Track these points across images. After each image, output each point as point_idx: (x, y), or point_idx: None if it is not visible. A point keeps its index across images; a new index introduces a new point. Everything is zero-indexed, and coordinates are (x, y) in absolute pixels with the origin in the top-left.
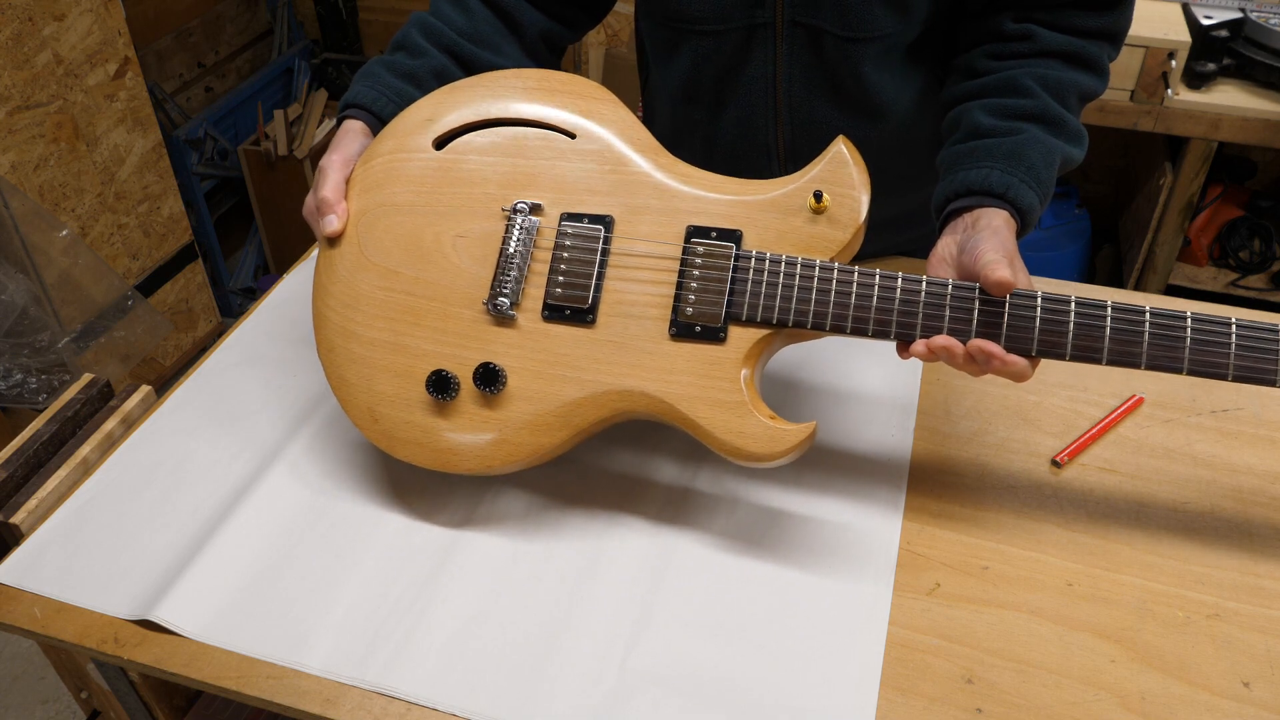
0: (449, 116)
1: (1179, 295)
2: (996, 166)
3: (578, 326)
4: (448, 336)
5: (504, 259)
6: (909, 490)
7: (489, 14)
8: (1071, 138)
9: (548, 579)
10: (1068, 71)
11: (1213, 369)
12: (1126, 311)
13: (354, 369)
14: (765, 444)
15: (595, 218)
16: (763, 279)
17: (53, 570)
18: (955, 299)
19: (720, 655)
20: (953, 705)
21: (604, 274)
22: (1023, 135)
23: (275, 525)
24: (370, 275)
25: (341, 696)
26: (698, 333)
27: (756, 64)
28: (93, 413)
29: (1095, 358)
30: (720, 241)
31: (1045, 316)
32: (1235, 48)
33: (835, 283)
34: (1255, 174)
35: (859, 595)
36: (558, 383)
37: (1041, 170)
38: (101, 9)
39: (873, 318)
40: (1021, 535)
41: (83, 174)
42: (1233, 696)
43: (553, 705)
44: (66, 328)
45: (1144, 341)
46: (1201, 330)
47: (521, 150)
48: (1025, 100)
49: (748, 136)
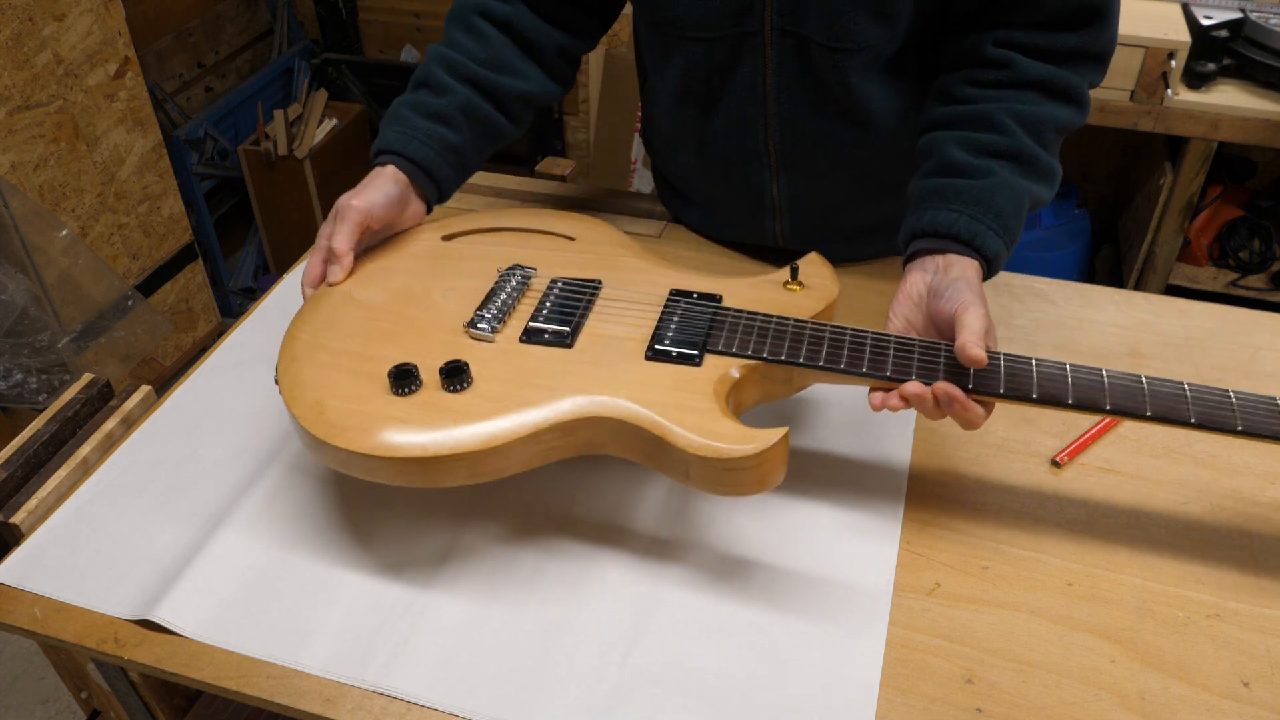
0: (461, 224)
1: (1179, 295)
2: (966, 212)
3: (555, 347)
4: (421, 348)
5: (490, 298)
6: (909, 490)
7: (505, 38)
8: (1042, 176)
9: (548, 578)
10: (1046, 105)
11: (1177, 416)
12: (1086, 371)
13: (312, 372)
14: (737, 441)
15: (586, 280)
16: (740, 323)
17: (53, 570)
18: (923, 350)
19: (720, 655)
20: (953, 705)
21: (587, 315)
22: (993, 179)
23: (275, 525)
24: (354, 309)
25: (341, 696)
26: (674, 357)
27: (746, 71)
28: (93, 413)
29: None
30: (702, 300)
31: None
32: (1235, 48)
33: (809, 329)
34: (1255, 174)
35: (859, 595)
36: (525, 389)
37: (1009, 217)
38: (101, 9)
39: (845, 355)
40: (1021, 535)
41: (83, 174)
42: (1233, 696)
43: (553, 705)
44: (66, 328)
45: (1105, 389)
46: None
47: (524, 243)
48: (999, 137)
49: (740, 141)
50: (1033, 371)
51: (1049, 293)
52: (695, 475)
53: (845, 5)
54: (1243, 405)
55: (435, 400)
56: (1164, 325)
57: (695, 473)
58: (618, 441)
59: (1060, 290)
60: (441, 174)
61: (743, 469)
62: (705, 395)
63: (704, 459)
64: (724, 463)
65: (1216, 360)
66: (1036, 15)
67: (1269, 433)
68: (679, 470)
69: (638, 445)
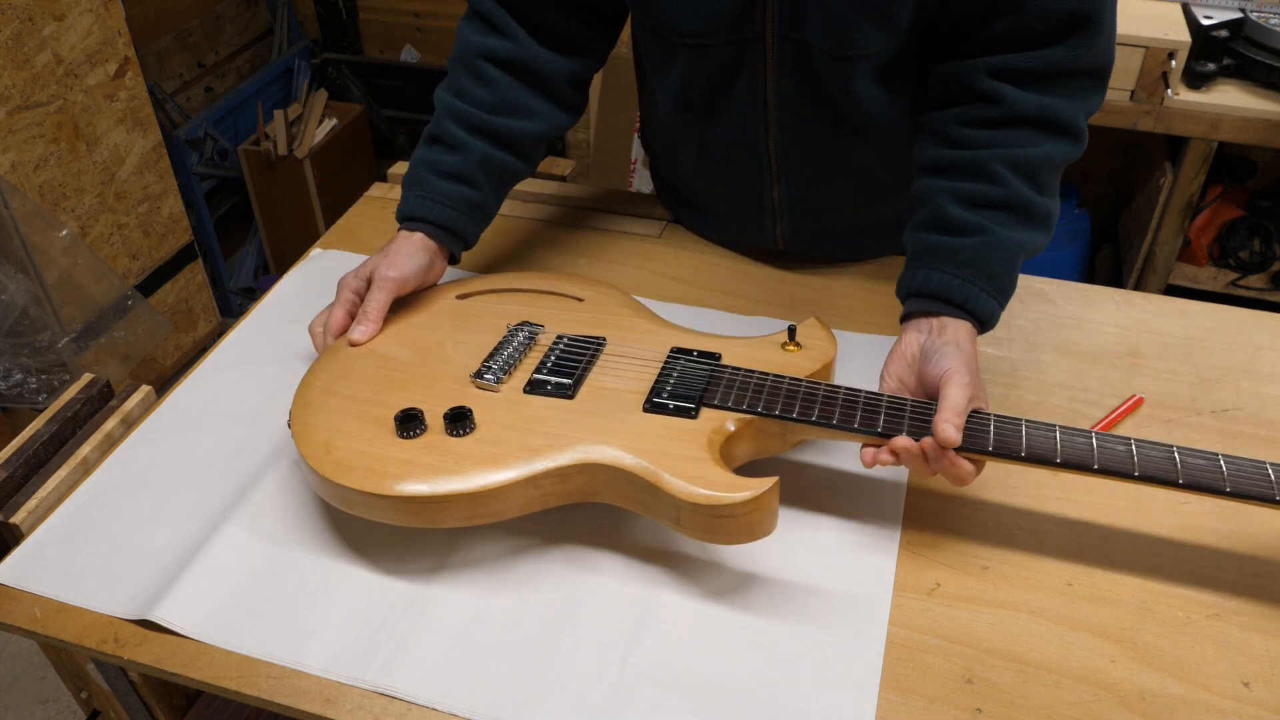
0: (476, 285)
1: (1179, 295)
2: (959, 274)
3: (557, 398)
4: (428, 395)
5: (498, 351)
6: (909, 490)
7: (510, 79)
8: (1038, 223)
9: (548, 579)
10: (1041, 144)
11: (1166, 477)
12: (1073, 433)
13: (323, 416)
14: (728, 489)
15: (591, 337)
16: (737, 380)
17: (53, 570)
18: (914, 410)
19: (720, 655)
20: (953, 705)
21: (590, 369)
22: (986, 237)
23: (276, 525)
24: (369, 360)
25: (341, 696)
26: (671, 409)
27: (747, 77)
28: (93, 413)
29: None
30: (701, 358)
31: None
32: (1235, 48)
33: (804, 387)
34: (1255, 174)
35: (859, 595)
36: (526, 434)
37: (1003, 276)
38: (101, 9)
39: (838, 412)
40: (1021, 535)
41: (83, 174)
42: (1233, 696)
43: (553, 705)
44: (66, 328)
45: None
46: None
47: (534, 302)
48: (993, 188)
49: (740, 146)
50: (1022, 433)
51: (1049, 293)
52: (686, 522)
53: (847, 12)
54: (1231, 469)
55: (439, 444)
56: (1164, 325)
57: (686, 520)
58: (612, 488)
59: (1060, 290)
60: (467, 231)
61: (732, 516)
62: (699, 446)
63: (695, 505)
64: (714, 510)
65: (1216, 360)
66: (1024, 24)
67: (1257, 494)
68: (671, 517)
69: (631, 492)
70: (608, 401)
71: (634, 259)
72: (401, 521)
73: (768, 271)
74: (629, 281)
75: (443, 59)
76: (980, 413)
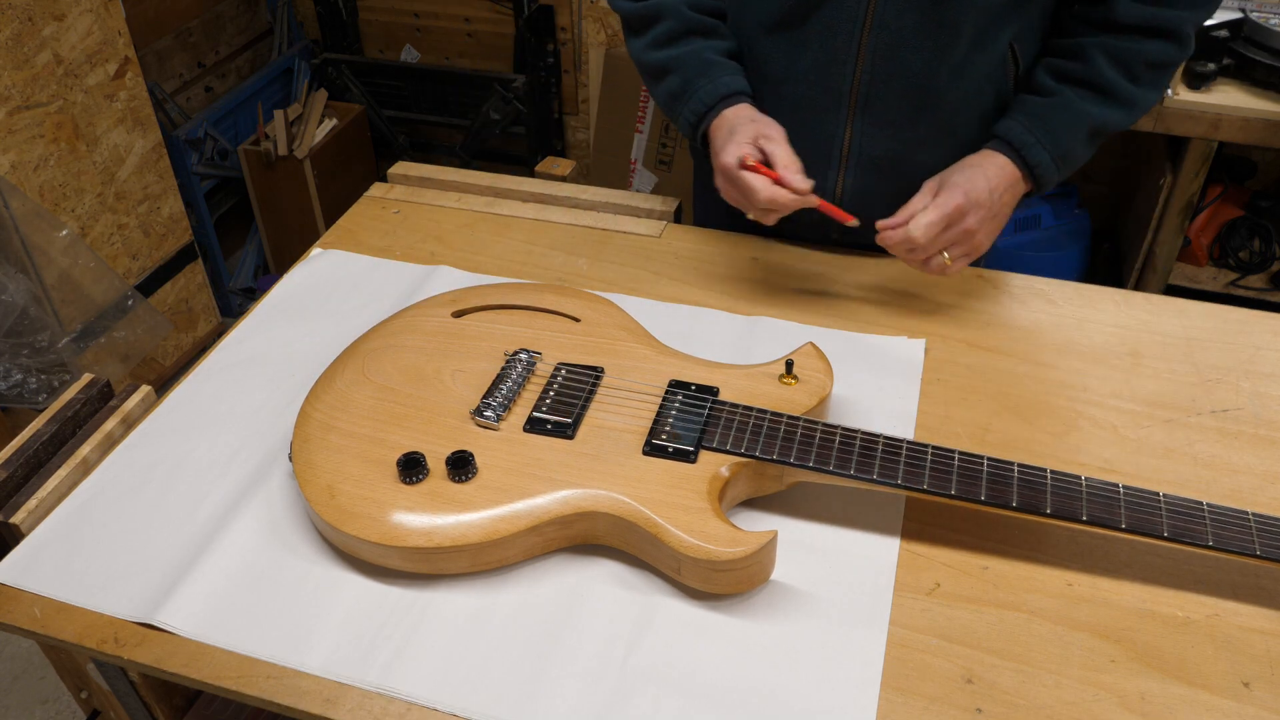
0: (471, 300)
1: (1179, 295)
2: (1023, 123)
3: (556, 438)
4: (429, 434)
5: (497, 384)
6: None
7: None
8: (1119, 103)
9: (549, 579)
10: (1140, 42)
11: (1150, 529)
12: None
13: (325, 455)
14: (727, 544)
15: (589, 367)
16: (735, 419)
17: (53, 570)
18: (910, 452)
19: (720, 655)
20: (953, 705)
21: (589, 405)
22: (1057, 99)
23: (275, 525)
24: (366, 389)
25: (341, 696)
26: (670, 453)
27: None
28: (93, 413)
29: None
30: (699, 393)
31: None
32: (1235, 48)
33: (801, 426)
34: (1255, 174)
35: (859, 595)
36: (527, 479)
37: (1061, 133)
38: (101, 9)
39: (834, 456)
40: (1021, 535)
41: (83, 174)
42: (1233, 696)
43: (553, 705)
44: (66, 328)
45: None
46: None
47: (530, 323)
48: (1077, 65)
49: (824, 80)
50: (1014, 478)
51: (1049, 293)
52: (685, 572)
53: None
54: (1214, 519)
55: (441, 490)
56: (1164, 325)
57: (686, 570)
58: (613, 534)
59: (1060, 290)
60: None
61: (730, 570)
62: (699, 494)
63: (695, 559)
64: (712, 564)
65: (1216, 360)
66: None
67: (1237, 549)
68: (670, 565)
69: (632, 540)
70: (607, 442)
71: (634, 259)
72: (405, 568)
73: (768, 272)
74: (629, 281)
75: (443, 59)
76: (973, 455)
